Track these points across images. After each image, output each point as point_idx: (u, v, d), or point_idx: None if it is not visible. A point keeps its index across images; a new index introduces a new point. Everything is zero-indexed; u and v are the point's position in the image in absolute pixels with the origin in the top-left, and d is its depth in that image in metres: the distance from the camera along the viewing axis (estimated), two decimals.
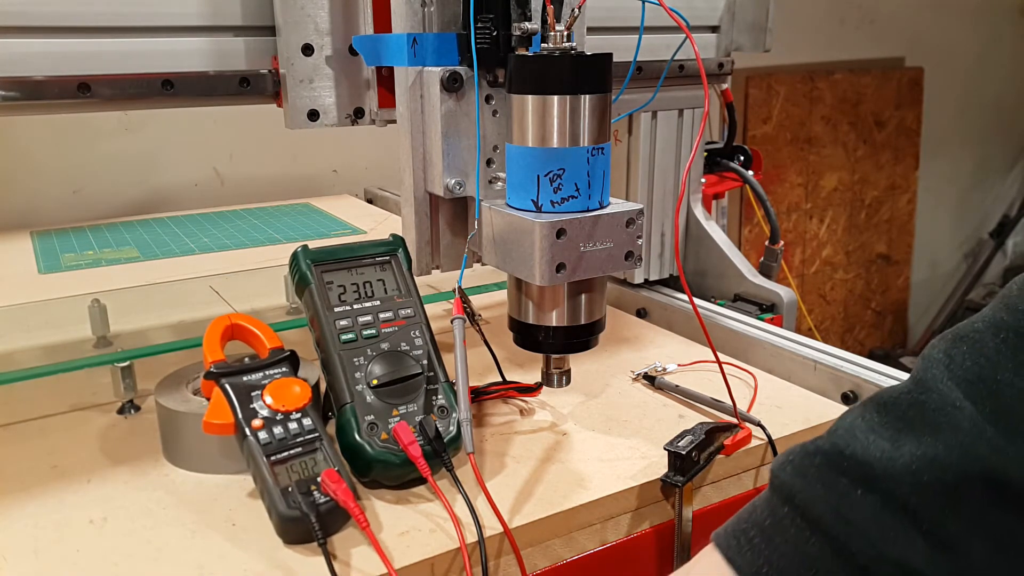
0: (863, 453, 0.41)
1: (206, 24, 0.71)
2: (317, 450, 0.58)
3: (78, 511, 0.59)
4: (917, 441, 0.40)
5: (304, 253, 0.65)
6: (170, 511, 0.59)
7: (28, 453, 0.68)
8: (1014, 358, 0.39)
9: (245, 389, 0.60)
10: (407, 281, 0.67)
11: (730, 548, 0.44)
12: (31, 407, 0.75)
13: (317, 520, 0.53)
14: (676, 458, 0.62)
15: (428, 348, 0.65)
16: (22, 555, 0.54)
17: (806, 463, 0.43)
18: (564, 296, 0.66)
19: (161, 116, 1.59)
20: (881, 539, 0.39)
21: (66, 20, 0.67)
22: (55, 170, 1.55)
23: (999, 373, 0.39)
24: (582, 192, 0.62)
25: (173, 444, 0.65)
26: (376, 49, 0.72)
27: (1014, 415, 0.38)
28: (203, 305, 1.02)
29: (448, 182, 0.67)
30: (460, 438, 0.60)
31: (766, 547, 0.43)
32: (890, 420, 0.42)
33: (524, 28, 0.63)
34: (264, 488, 0.56)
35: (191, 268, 1.17)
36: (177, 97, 0.72)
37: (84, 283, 1.10)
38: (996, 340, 0.40)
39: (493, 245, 0.66)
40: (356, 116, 0.76)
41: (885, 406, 0.42)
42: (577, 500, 0.60)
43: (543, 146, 0.61)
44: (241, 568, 0.53)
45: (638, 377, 0.80)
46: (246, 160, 1.72)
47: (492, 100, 0.67)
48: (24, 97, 0.66)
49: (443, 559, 0.54)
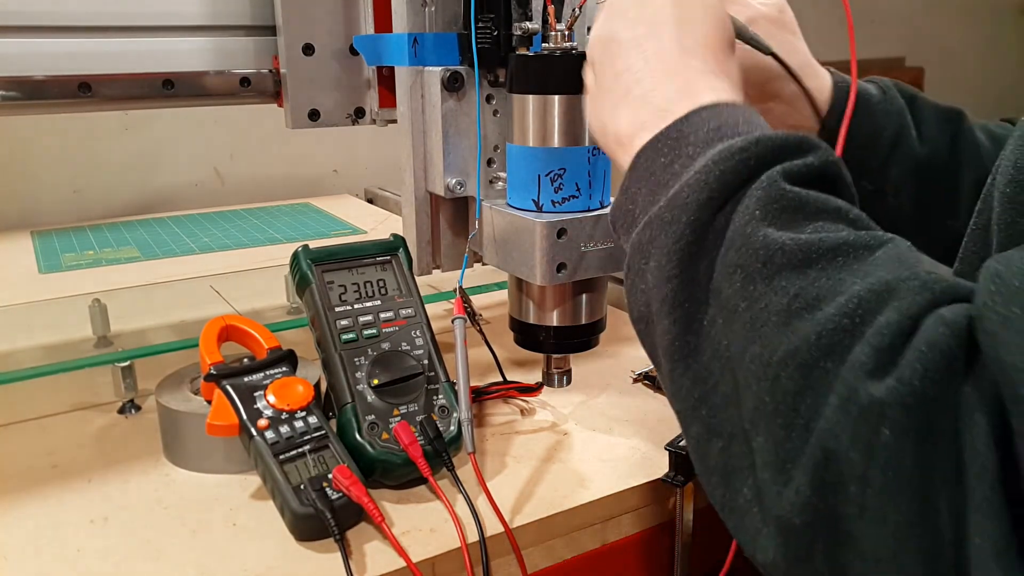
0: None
1: (207, 24, 0.71)
2: (326, 447, 0.58)
3: (78, 511, 0.59)
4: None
5: (305, 253, 0.65)
6: (171, 511, 0.59)
7: (28, 453, 0.68)
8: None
9: (247, 390, 0.60)
10: (408, 281, 0.67)
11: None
12: (31, 407, 0.75)
13: (332, 516, 0.53)
14: (677, 458, 0.61)
15: (429, 348, 0.65)
16: (22, 555, 0.54)
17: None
18: (565, 296, 0.66)
19: (161, 116, 1.59)
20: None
21: (66, 20, 0.67)
22: (55, 170, 1.55)
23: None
24: (583, 192, 0.62)
25: (174, 444, 0.65)
26: (377, 49, 0.72)
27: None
28: (203, 305, 1.02)
29: (449, 182, 0.67)
30: (461, 438, 0.60)
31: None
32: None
33: (525, 28, 0.63)
34: (275, 487, 0.56)
35: (191, 268, 1.17)
36: (177, 97, 0.72)
37: (84, 283, 1.10)
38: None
39: (494, 245, 0.66)
40: (357, 116, 0.76)
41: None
42: (578, 500, 0.60)
43: (544, 146, 0.61)
44: (242, 568, 0.52)
45: (639, 377, 0.80)
46: (246, 160, 1.72)
47: (493, 100, 0.67)
48: (24, 97, 0.66)
49: (444, 559, 0.54)
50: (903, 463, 0.28)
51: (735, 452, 0.35)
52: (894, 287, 0.31)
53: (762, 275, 0.34)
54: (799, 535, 0.31)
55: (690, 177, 0.38)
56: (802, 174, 0.37)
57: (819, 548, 0.31)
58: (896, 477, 0.28)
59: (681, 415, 0.39)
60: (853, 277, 0.32)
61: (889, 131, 0.66)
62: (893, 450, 0.28)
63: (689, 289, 0.37)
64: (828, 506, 0.30)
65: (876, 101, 0.67)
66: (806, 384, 0.31)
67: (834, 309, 0.32)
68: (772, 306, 0.34)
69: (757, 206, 0.36)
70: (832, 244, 0.34)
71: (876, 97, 0.67)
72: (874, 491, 0.29)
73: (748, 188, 0.37)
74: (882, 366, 0.29)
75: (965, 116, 0.70)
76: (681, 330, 0.38)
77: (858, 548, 0.30)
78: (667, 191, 0.39)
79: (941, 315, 0.29)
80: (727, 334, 0.35)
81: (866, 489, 0.29)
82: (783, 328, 0.33)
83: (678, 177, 0.39)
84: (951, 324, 0.29)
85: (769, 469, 0.32)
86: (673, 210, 0.38)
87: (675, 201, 0.38)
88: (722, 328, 0.36)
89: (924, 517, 0.28)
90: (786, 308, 0.33)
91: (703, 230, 0.37)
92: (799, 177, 0.37)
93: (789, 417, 0.32)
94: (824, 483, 0.30)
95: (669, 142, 0.41)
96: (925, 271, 0.32)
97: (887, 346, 0.29)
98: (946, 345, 0.28)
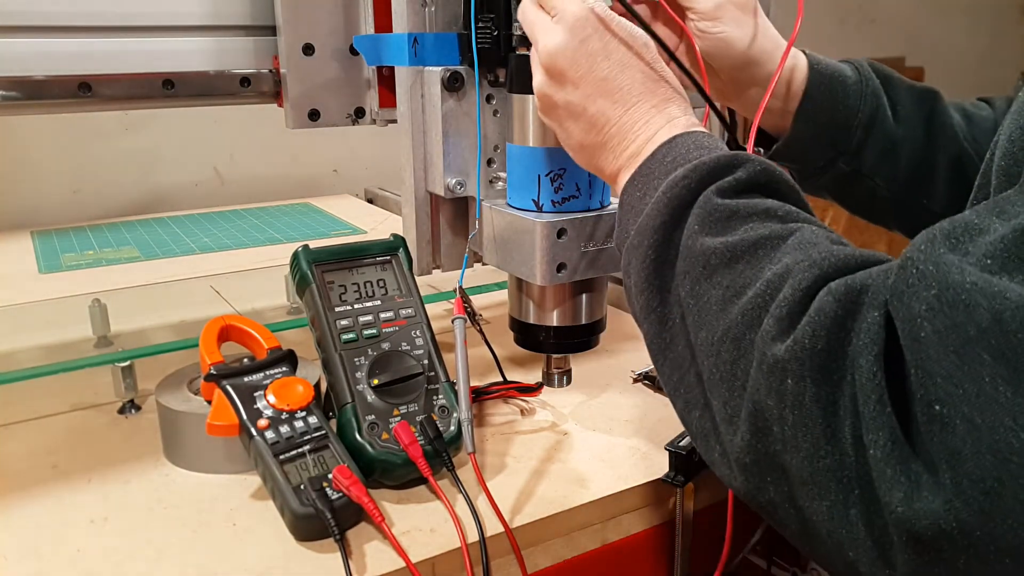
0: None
1: (207, 24, 0.71)
2: (326, 447, 0.58)
3: (78, 511, 0.59)
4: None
5: (305, 253, 0.65)
6: (171, 511, 0.59)
7: (28, 453, 0.68)
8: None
9: (247, 390, 0.60)
10: (408, 281, 0.67)
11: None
12: (31, 407, 0.75)
13: (332, 516, 0.53)
14: (677, 458, 0.61)
15: (429, 348, 0.65)
16: (22, 555, 0.54)
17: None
18: (565, 296, 0.66)
19: (161, 116, 1.59)
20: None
21: (66, 20, 0.67)
22: (55, 170, 1.55)
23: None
24: (583, 192, 0.62)
25: (174, 444, 0.65)
26: (377, 49, 0.72)
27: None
28: (203, 305, 1.02)
29: (449, 182, 0.67)
30: (461, 438, 0.60)
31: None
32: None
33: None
34: (275, 487, 0.56)
35: (191, 268, 1.17)
36: (177, 97, 0.72)
37: (84, 283, 1.10)
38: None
39: (494, 245, 0.66)
40: (357, 116, 0.76)
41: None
42: (578, 500, 0.60)
43: (544, 146, 0.61)
44: (242, 568, 0.53)
45: (639, 377, 0.80)
46: (246, 160, 1.72)
47: (493, 100, 0.67)
48: (24, 97, 0.66)
49: (444, 559, 0.54)
50: (804, 403, 0.35)
51: (707, 417, 0.42)
52: (791, 268, 0.39)
53: (703, 276, 0.43)
54: (751, 472, 0.39)
55: (649, 207, 0.46)
56: (733, 188, 0.45)
57: (768, 480, 0.38)
58: (801, 414, 0.35)
59: (670, 395, 0.46)
60: (770, 264, 0.40)
61: (865, 112, 0.67)
62: (795, 394, 0.35)
63: (659, 296, 0.46)
64: (764, 445, 0.37)
65: (852, 82, 0.67)
66: (739, 353, 0.39)
67: (753, 292, 0.40)
68: (712, 299, 0.42)
69: (696, 221, 0.44)
70: (753, 240, 0.42)
71: (852, 78, 0.67)
72: (788, 427, 0.36)
73: (692, 208, 0.45)
74: (783, 331, 0.37)
75: (940, 96, 0.71)
76: (657, 330, 0.46)
77: (789, 475, 0.37)
78: (639, 220, 0.47)
79: (831, 287, 0.36)
80: (688, 327, 0.43)
81: (784, 427, 0.36)
82: (720, 313, 0.41)
83: (646, 207, 0.47)
84: (835, 293, 0.36)
85: (724, 424, 0.40)
86: (640, 236, 0.47)
87: (641, 228, 0.47)
88: (683, 323, 0.44)
89: (830, 442, 0.34)
90: (721, 298, 0.41)
91: (663, 248, 0.45)
92: (731, 190, 0.44)
93: (730, 381, 0.40)
94: (757, 428, 0.38)
95: (641, 179, 0.49)
96: (820, 251, 0.39)
97: (785, 315, 0.37)
98: (831, 309, 0.35)
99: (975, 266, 0.32)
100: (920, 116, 0.69)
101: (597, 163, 0.54)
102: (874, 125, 0.67)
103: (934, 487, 0.31)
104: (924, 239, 0.34)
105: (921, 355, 0.32)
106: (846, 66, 0.68)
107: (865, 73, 0.68)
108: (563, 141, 0.56)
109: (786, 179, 0.46)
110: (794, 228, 0.42)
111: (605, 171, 0.54)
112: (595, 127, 0.52)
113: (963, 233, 0.33)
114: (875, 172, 0.69)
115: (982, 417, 0.30)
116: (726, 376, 0.40)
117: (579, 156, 0.55)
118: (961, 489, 0.30)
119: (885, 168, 0.69)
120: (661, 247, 0.45)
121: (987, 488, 0.29)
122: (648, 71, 0.52)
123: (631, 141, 0.51)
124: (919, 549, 0.32)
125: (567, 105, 0.53)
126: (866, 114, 0.67)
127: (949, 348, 0.31)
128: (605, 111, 0.52)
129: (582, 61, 0.51)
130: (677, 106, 0.52)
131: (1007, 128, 0.42)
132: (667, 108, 0.51)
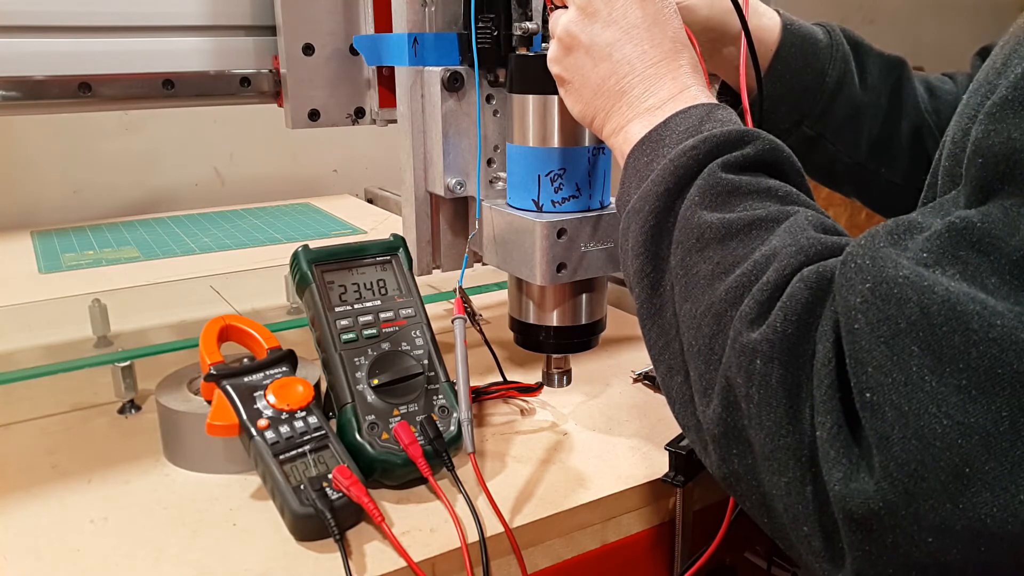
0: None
1: (207, 24, 0.71)
2: (326, 447, 0.58)
3: (78, 511, 0.59)
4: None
5: (305, 253, 0.65)
6: (171, 511, 0.59)
7: (28, 453, 0.68)
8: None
9: (247, 390, 0.60)
10: (408, 281, 0.67)
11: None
12: (31, 407, 0.75)
13: (332, 516, 0.53)
14: (677, 458, 0.61)
15: (429, 348, 0.65)
16: (22, 555, 0.54)
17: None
18: (565, 296, 0.66)
19: (161, 116, 1.59)
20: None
21: (66, 20, 0.67)
22: (55, 170, 1.55)
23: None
24: (583, 192, 0.62)
25: (174, 444, 0.65)
26: (377, 49, 0.72)
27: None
28: (203, 305, 1.02)
29: (449, 182, 0.67)
30: (461, 438, 0.60)
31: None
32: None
33: (525, 28, 0.63)
34: (275, 487, 0.56)
35: (191, 268, 1.17)
36: (177, 97, 0.72)
37: (84, 283, 1.10)
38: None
39: (494, 245, 0.66)
40: (357, 116, 0.76)
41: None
42: (578, 500, 0.60)
43: (544, 146, 0.61)
44: (242, 568, 0.52)
45: (639, 377, 0.80)
46: (246, 160, 1.72)
47: (493, 100, 0.67)
48: (24, 97, 0.66)
49: (444, 559, 0.54)
50: (771, 383, 0.36)
51: (687, 385, 0.43)
52: (778, 251, 0.40)
53: (696, 248, 0.43)
54: (720, 444, 0.40)
55: (655, 174, 0.47)
56: (739, 163, 0.45)
57: (734, 452, 0.40)
58: (767, 393, 0.37)
59: (653, 359, 0.47)
60: (761, 245, 0.41)
61: (833, 77, 0.67)
62: (763, 374, 0.37)
63: (653, 263, 0.46)
64: (733, 419, 0.39)
65: (823, 46, 0.67)
66: (717, 328, 0.40)
67: (740, 271, 0.40)
68: (701, 272, 0.43)
69: (697, 193, 0.44)
70: (749, 220, 0.42)
71: (823, 42, 0.67)
72: (754, 404, 0.37)
73: (696, 180, 0.45)
74: (761, 314, 0.38)
75: (907, 66, 0.71)
76: (648, 295, 0.46)
77: (753, 450, 0.38)
78: (643, 185, 0.47)
79: (803, 274, 0.37)
80: (677, 296, 0.44)
81: (750, 404, 0.37)
82: (707, 288, 0.42)
83: (652, 173, 0.47)
84: (806, 280, 0.37)
85: (699, 394, 0.42)
86: (642, 200, 0.47)
87: (644, 193, 0.47)
88: (673, 292, 0.45)
89: (791, 422, 0.36)
90: (710, 273, 0.42)
91: (663, 216, 0.46)
92: (736, 166, 0.45)
93: (707, 355, 0.41)
94: (728, 402, 0.39)
95: (651, 144, 0.49)
96: (807, 237, 0.40)
97: (765, 299, 0.38)
98: (802, 297, 0.37)
99: (911, 260, 0.33)
100: (886, 85, 0.69)
101: (610, 110, 0.52)
102: (840, 91, 0.67)
103: (868, 469, 0.33)
104: (868, 235, 0.36)
105: (855, 345, 0.34)
106: (818, 29, 0.68)
107: (836, 38, 0.68)
108: (574, 86, 0.54)
109: (792, 160, 0.47)
110: (791, 211, 0.43)
111: (613, 120, 0.52)
112: (616, 74, 0.52)
113: (905, 231, 0.35)
114: (837, 138, 0.69)
115: (909, 405, 0.31)
116: (703, 350, 0.41)
117: (589, 102, 0.54)
118: (888, 472, 0.32)
119: (848, 134, 0.69)
120: (662, 214, 0.46)
121: (911, 471, 0.31)
122: (676, 34, 0.52)
123: (652, 95, 0.51)
124: (853, 527, 0.34)
125: (591, 45, 0.52)
126: (833, 79, 0.67)
127: (880, 339, 0.33)
128: (631, 59, 0.51)
129: (619, 2, 0.51)
130: (696, 76, 0.52)
131: (951, 130, 0.43)
132: (688, 76, 0.51)
